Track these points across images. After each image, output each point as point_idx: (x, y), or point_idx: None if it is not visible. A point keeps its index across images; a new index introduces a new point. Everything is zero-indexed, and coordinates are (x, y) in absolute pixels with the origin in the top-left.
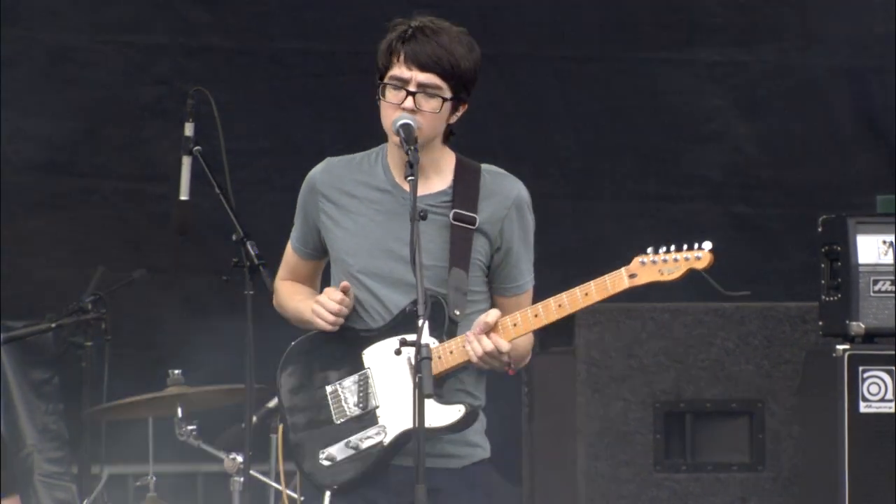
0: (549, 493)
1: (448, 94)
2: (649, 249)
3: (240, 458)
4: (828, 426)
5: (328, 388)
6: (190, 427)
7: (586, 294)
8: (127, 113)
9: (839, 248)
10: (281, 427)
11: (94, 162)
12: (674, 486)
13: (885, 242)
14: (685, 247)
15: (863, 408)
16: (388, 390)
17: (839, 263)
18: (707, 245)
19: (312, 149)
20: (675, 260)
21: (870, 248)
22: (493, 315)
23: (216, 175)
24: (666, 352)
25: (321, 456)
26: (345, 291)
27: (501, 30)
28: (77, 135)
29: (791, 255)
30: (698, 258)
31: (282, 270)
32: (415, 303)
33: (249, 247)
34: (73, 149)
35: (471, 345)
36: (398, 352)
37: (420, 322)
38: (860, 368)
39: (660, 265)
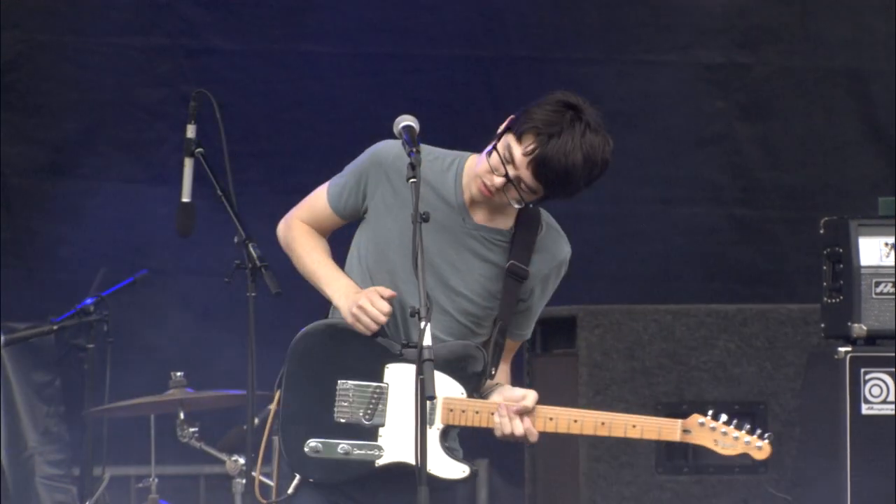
0: (552, 494)
1: (536, 197)
2: (709, 412)
3: (241, 460)
4: (830, 428)
5: (340, 383)
6: (192, 429)
7: (633, 426)
8: (129, 115)
9: (841, 250)
10: (277, 394)
11: (96, 164)
12: (676, 488)
13: (886, 244)
14: (746, 427)
15: (864, 409)
16: (397, 415)
17: (841, 265)
18: (769, 437)
19: (313, 150)
20: (735, 438)
21: (871, 250)
22: (531, 399)
23: (218, 177)
24: (668, 354)
25: (308, 444)
26: (389, 300)
27: (503, 32)
28: (79, 136)
29: (793, 257)
30: (759, 448)
31: (302, 210)
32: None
33: (251, 248)
34: (74, 150)
35: (501, 419)
36: (400, 353)
37: (422, 325)
38: (862, 370)
39: (717, 436)
